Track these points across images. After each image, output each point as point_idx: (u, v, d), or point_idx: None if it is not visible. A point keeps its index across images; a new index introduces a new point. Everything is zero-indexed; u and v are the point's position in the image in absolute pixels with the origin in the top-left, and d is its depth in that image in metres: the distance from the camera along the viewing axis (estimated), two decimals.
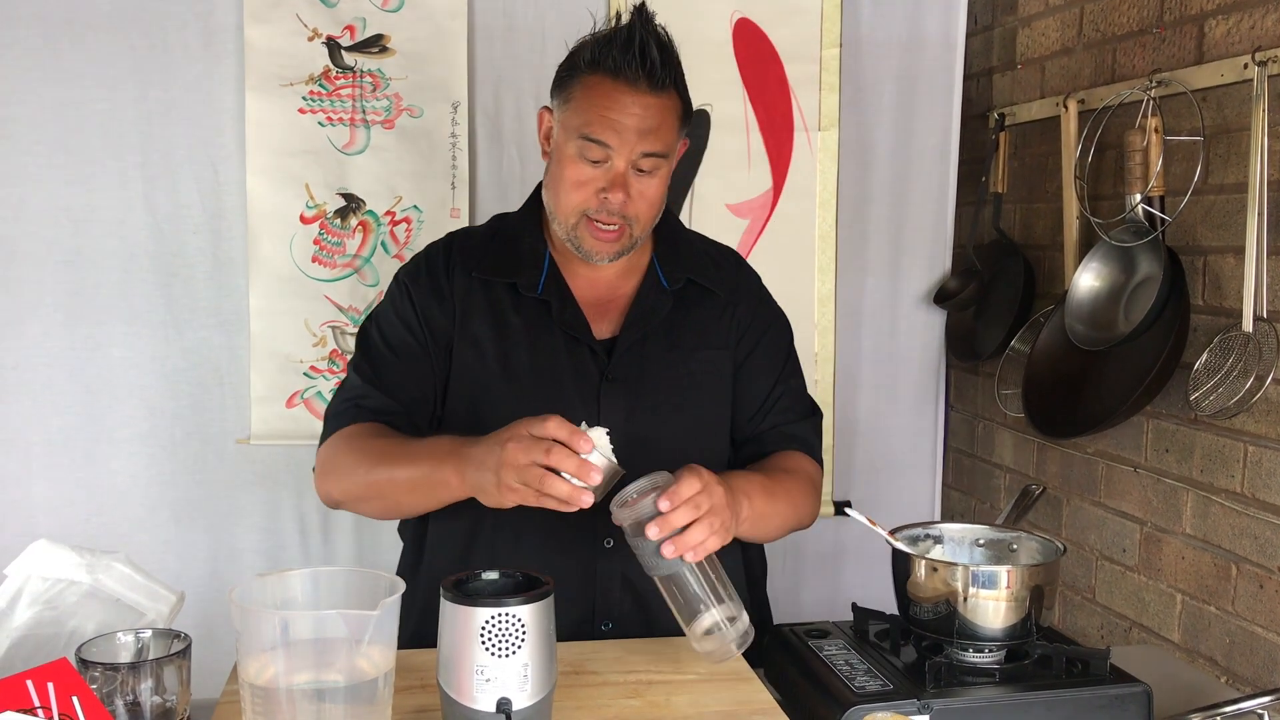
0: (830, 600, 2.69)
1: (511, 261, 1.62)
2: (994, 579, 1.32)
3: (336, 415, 1.59)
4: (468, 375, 1.59)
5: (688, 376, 1.62)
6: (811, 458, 1.69)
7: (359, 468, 1.50)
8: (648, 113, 1.49)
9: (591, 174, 1.51)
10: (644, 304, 1.62)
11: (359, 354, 1.63)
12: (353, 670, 1.05)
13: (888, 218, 2.68)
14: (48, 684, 0.99)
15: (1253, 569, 1.93)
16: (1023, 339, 2.50)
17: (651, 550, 1.26)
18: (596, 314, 1.62)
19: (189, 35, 2.36)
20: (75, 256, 2.36)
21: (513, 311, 1.60)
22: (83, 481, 2.41)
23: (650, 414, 1.58)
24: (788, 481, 1.59)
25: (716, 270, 1.69)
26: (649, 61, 1.47)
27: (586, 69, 1.50)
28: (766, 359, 1.69)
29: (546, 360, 1.58)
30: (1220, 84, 1.95)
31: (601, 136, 1.48)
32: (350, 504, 1.56)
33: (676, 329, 1.63)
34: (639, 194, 1.52)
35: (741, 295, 1.69)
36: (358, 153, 2.42)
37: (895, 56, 2.63)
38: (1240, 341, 1.89)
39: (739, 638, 1.28)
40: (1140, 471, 2.21)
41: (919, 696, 1.23)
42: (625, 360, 1.59)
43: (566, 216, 1.54)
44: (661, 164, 1.53)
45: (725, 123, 2.54)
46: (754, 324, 1.69)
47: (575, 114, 1.50)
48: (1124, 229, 2.12)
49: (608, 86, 1.48)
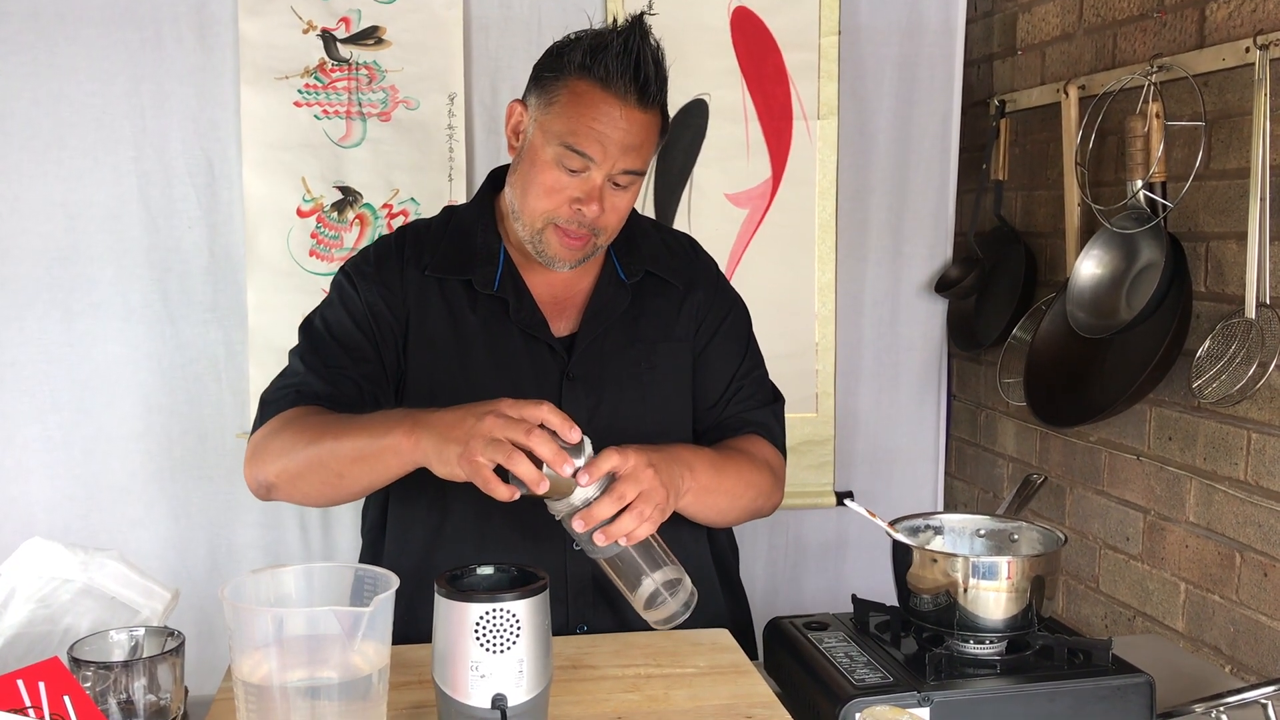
0: (831, 592, 2.69)
1: (465, 257, 1.56)
2: (994, 570, 1.30)
3: (274, 401, 1.49)
4: (425, 377, 1.54)
5: (649, 371, 1.59)
6: (771, 443, 1.65)
7: (297, 444, 1.40)
8: (633, 128, 1.44)
9: (567, 182, 1.45)
10: (602, 299, 1.59)
11: (301, 339, 1.56)
12: (347, 667, 1.04)
13: (888, 206, 2.67)
14: (39, 683, 0.99)
15: (1257, 557, 1.92)
16: (1024, 327, 2.49)
17: (585, 538, 1.26)
18: (554, 311, 1.58)
19: (183, 29, 2.34)
20: (70, 252, 2.36)
21: (468, 309, 1.55)
22: (80, 478, 2.40)
23: (613, 410, 1.55)
24: (740, 459, 1.55)
25: (673, 260, 1.65)
26: (643, 76, 1.43)
27: (576, 73, 1.44)
28: (726, 347, 1.66)
29: (505, 359, 1.54)
30: (1222, 68, 1.94)
31: (585, 148, 1.43)
32: (285, 486, 1.44)
33: (635, 322, 1.60)
34: (611, 207, 1.48)
35: (697, 283, 1.65)
36: (354, 145, 2.41)
37: (894, 43, 2.61)
38: (1243, 328, 1.88)
39: (683, 603, 1.28)
40: (1143, 460, 2.20)
41: (919, 689, 1.22)
42: (585, 357, 1.56)
43: (533, 220, 1.49)
44: (637, 180, 1.49)
45: (724, 112, 2.52)
46: (711, 312, 1.65)
47: (559, 119, 1.44)
48: (1125, 215, 2.11)
49: (596, 96, 1.43)
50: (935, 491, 2.78)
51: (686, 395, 1.64)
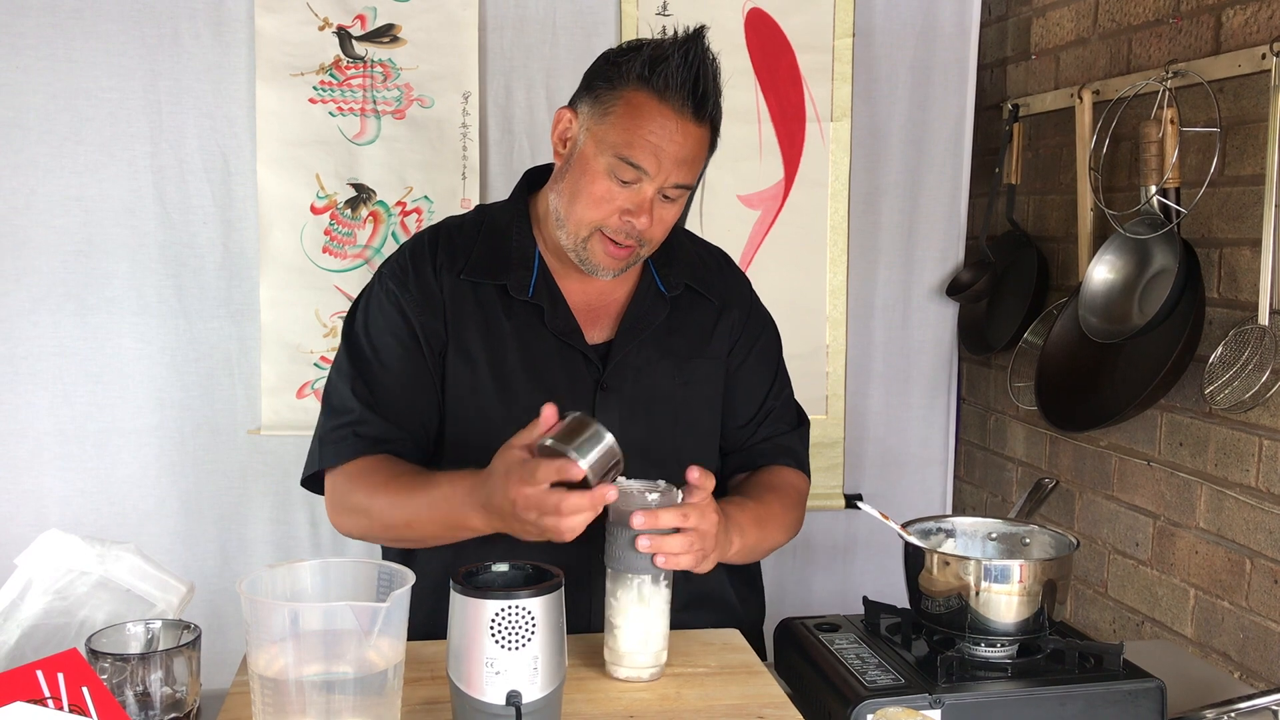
0: (841, 594, 2.69)
1: (500, 261, 1.55)
2: (1006, 573, 1.31)
3: (334, 442, 1.52)
4: (462, 386, 1.54)
5: (683, 386, 1.59)
6: (801, 470, 1.67)
7: (373, 508, 1.47)
8: (688, 142, 1.43)
9: (618, 193, 1.45)
10: (640, 309, 1.58)
11: (349, 366, 1.55)
12: (362, 662, 1.05)
13: (900, 209, 2.67)
14: (58, 674, 0.99)
15: (1267, 564, 1.92)
16: (1036, 331, 2.49)
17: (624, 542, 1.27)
18: (588, 318, 1.57)
19: (199, 25, 2.35)
20: (86, 246, 2.37)
21: (503, 314, 1.54)
22: (94, 472, 2.41)
23: (645, 423, 1.55)
24: (776, 505, 1.57)
25: (709, 275, 1.65)
26: (701, 90, 1.42)
27: (634, 84, 1.42)
28: (759, 369, 1.66)
29: (539, 366, 1.54)
30: (1237, 74, 1.94)
31: (640, 160, 1.42)
32: (369, 540, 1.56)
33: (670, 336, 1.59)
34: (659, 219, 1.48)
35: (732, 301, 1.66)
36: (368, 143, 2.42)
37: (908, 47, 2.61)
38: (1256, 335, 1.88)
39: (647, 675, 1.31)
40: (1154, 465, 2.20)
41: (930, 691, 1.23)
42: (620, 368, 1.55)
43: (580, 229, 1.48)
44: (686, 193, 1.49)
45: (737, 113, 2.52)
46: (746, 333, 1.65)
47: (614, 129, 1.43)
48: (1139, 221, 2.10)
49: (654, 108, 1.42)
50: (944, 495, 2.78)
51: (717, 414, 1.64)
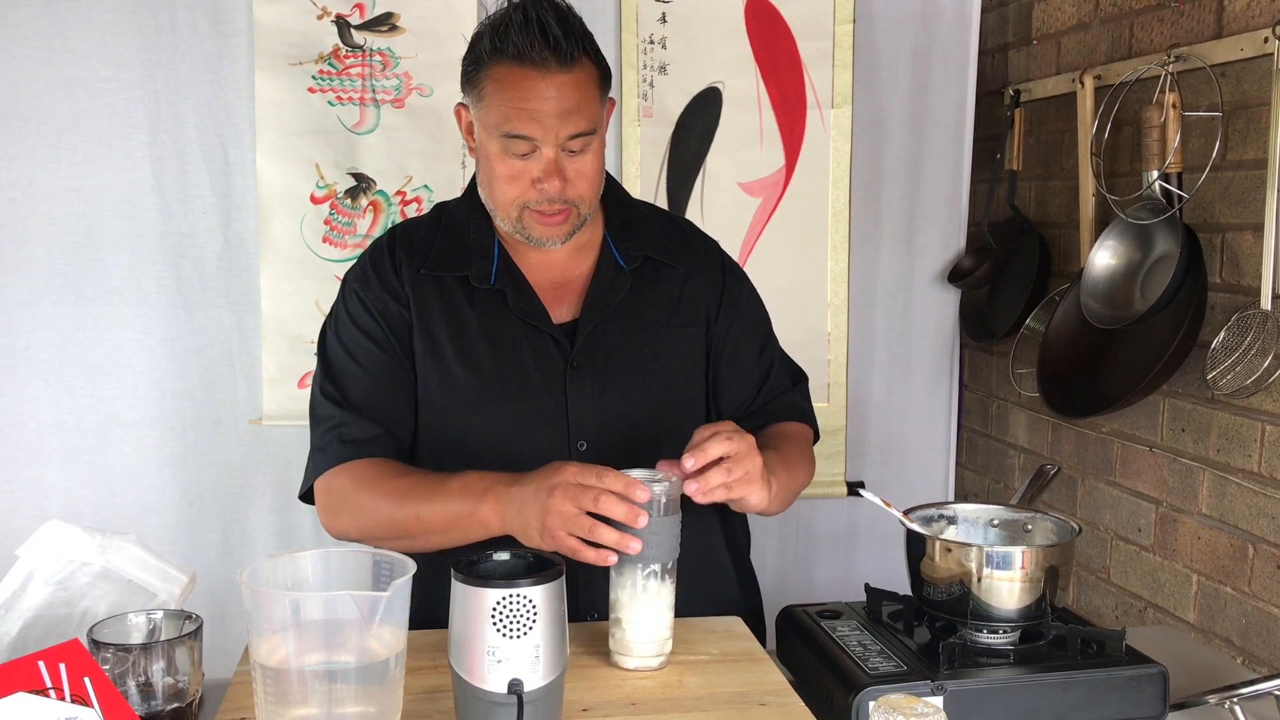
0: (843, 581, 2.69)
1: (459, 253, 1.55)
2: (1008, 560, 1.30)
3: (322, 449, 1.52)
4: (431, 379, 1.54)
5: (654, 357, 1.58)
6: (810, 426, 1.69)
7: (378, 507, 1.46)
8: (563, 92, 1.41)
9: (522, 166, 1.45)
10: (601, 285, 1.57)
11: (324, 376, 1.55)
12: (364, 651, 1.05)
13: (901, 195, 2.66)
14: (60, 665, 0.99)
15: (1270, 549, 1.92)
16: (1038, 318, 2.48)
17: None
18: (553, 299, 1.57)
19: (197, 14, 2.35)
20: (85, 237, 2.36)
21: (467, 305, 1.54)
22: (95, 463, 2.41)
23: (619, 398, 1.55)
24: (793, 451, 1.58)
25: (671, 243, 1.64)
26: (550, 38, 1.39)
27: (490, 59, 1.42)
28: (749, 331, 1.66)
29: (507, 351, 1.53)
30: (1240, 58, 1.93)
31: (523, 130, 1.41)
32: (366, 540, 1.50)
33: (637, 308, 1.58)
34: (576, 174, 1.46)
35: (699, 266, 1.64)
36: (368, 132, 2.41)
37: (909, 32, 2.60)
38: (1258, 320, 1.88)
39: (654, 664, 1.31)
40: (1156, 451, 2.19)
41: (933, 677, 1.22)
42: (588, 345, 1.55)
43: (507, 211, 1.49)
44: (591, 139, 1.46)
45: (737, 100, 2.52)
46: (726, 297, 1.64)
47: (491, 110, 1.43)
48: (1140, 206, 2.10)
49: (516, 75, 1.40)
50: (946, 482, 2.78)
51: (698, 381, 1.63)
